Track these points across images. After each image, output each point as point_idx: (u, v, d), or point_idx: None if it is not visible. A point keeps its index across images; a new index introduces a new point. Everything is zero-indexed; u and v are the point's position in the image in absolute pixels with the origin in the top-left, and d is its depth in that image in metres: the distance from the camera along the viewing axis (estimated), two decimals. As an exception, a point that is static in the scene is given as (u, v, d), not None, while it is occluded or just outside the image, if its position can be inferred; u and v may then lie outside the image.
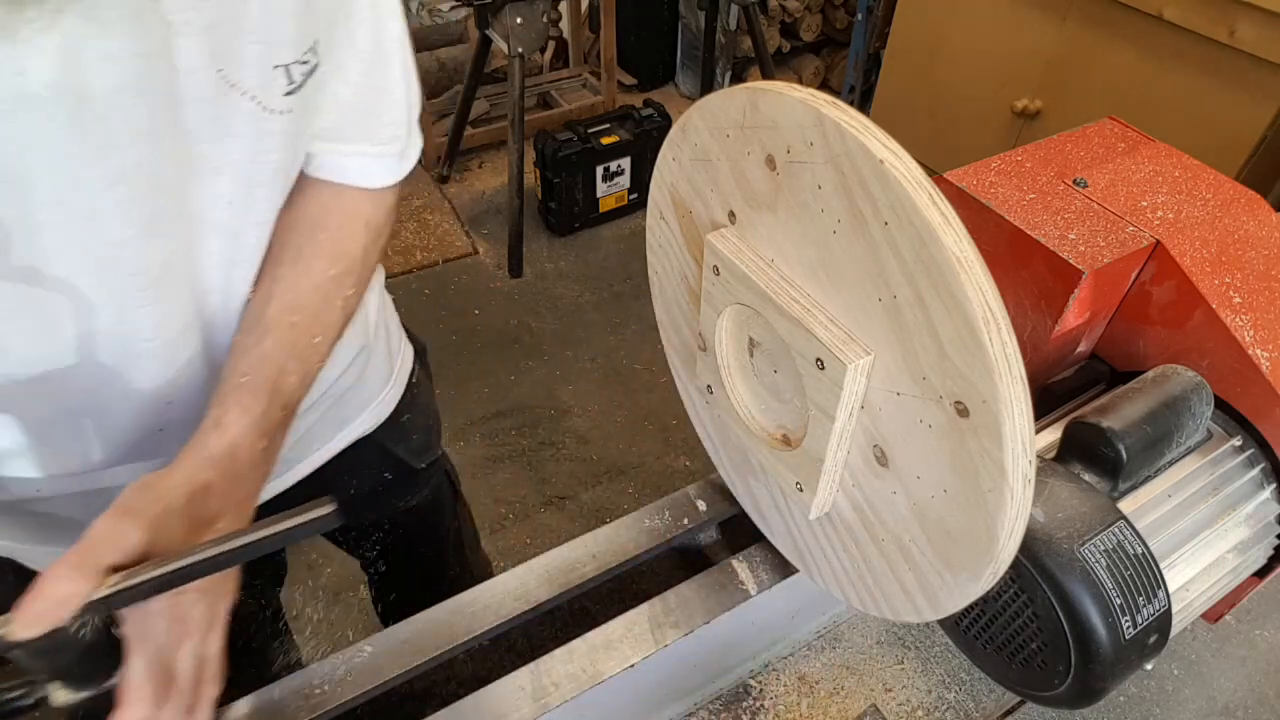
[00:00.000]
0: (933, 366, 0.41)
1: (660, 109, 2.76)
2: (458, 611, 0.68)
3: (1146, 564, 0.54)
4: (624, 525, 0.75)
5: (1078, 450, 0.62)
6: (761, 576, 0.70)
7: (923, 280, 0.39)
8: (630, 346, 2.43)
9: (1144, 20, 2.07)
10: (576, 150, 2.60)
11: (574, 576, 0.71)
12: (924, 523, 0.46)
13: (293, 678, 0.63)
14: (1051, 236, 0.66)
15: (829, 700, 0.76)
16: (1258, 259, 0.68)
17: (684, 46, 3.36)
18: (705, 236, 0.52)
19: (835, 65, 3.44)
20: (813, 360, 0.46)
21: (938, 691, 0.77)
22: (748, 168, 0.47)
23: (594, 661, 0.64)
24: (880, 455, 0.48)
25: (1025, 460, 0.39)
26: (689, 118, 0.51)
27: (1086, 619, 0.52)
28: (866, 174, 0.39)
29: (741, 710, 0.75)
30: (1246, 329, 0.64)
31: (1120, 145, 0.78)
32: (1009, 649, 0.59)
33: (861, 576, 0.56)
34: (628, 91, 3.43)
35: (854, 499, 0.52)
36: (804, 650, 0.80)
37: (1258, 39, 1.89)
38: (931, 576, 0.48)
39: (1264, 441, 0.66)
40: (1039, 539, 0.53)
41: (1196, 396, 0.63)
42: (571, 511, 2.02)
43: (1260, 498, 0.66)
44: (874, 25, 3.01)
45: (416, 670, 0.64)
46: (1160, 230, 0.68)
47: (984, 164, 0.74)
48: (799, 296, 0.47)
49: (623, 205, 2.83)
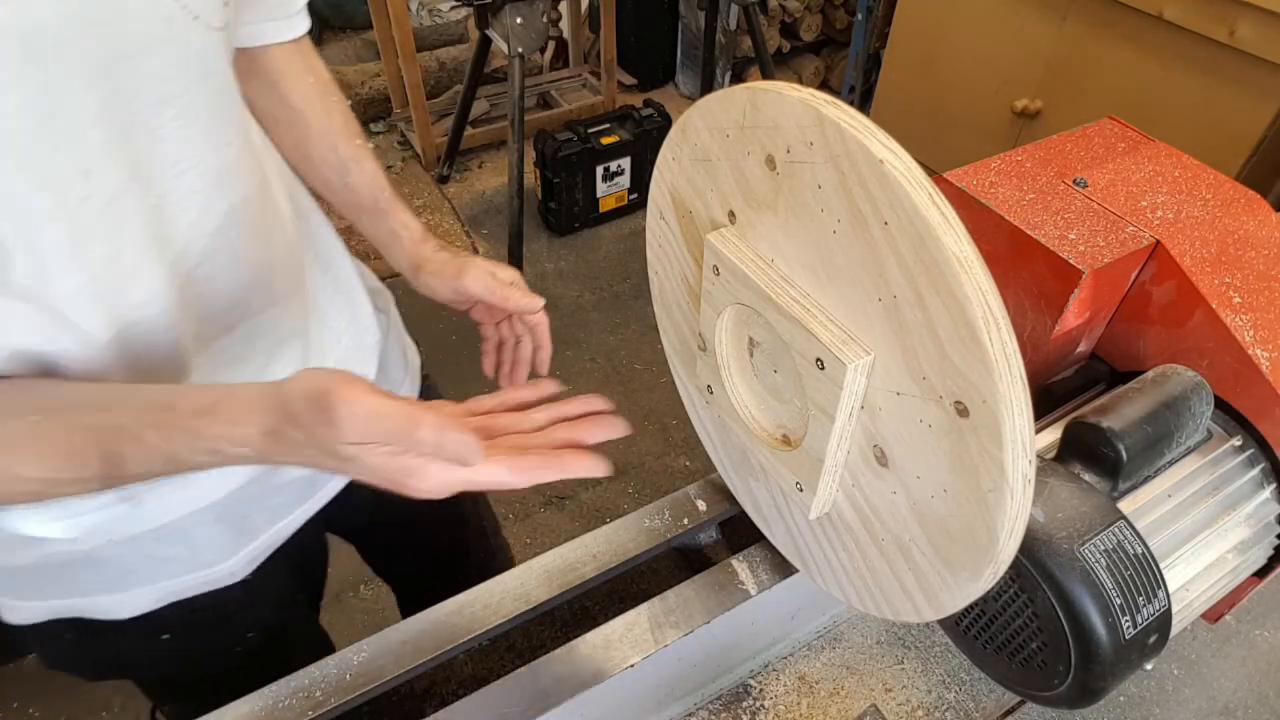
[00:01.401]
0: (933, 366, 0.41)
1: (660, 109, 2.76)
2: (458, 611, 0.68)
3: (1146, 564, 0.54)
4: (624, 525, 0.75)
5: (1078, 450, 0.62)
6: (761, 576, 0.70)
7: (923, 280, 0.39)
8: (630, 346, 2.43)
9: (1144, 20, 2.07)
10: (576, 150, 2.60)
11: (574, 576, 0.71)
12: (924, 523, 0.47)
13: (293, 678, 0.63)
14: (1051, 236, 0.66)
15: (829, 700, 0.76)
16: (1258, 259, 0.68)
17: (684, 46, 3.36)
18: (705, 236, 0.52)
19: (835, 65, 3.44)
20: (813, 360, 0.46)
21: (938, 691, 0.77)
22: (748, 168, 0.47)
23: (594, 661, 0.64)
24: (880, 455, 0.48)
25: (1025, 460, 0.39)
26: (689, 118, 0.51)
27: (1086, 619, 0.52)
28: (866, 174, 0.39)
29: (741, 710, 0.75)
30: (1246, 329, 0.64)
31: (1120, 145, 0.78)
32: (1009, 649, 0.59)
33: (861, 576, 0.56)
34: (628, 91, 3.43)
35: (854, 499, 0.52)
36: (804, 650, 0.80)
37: (1258, 39, 1.89)
38: (931, 576, 0.48)
39: (1264, 441, 0.66)
40: (1039, 539, 0.53)
41: (1196, 396, 0.63)
42: (571, 511, 2.02)
43: (1260, 498, 0.66)
44: (874, 25, 3.01)
45: (416, 670, 0.64)
46: (1160, 230, 0.68)
47: (984, 164, 0.74)
48: (799, 296, 0.47)
49: (623, 205, 2.84)
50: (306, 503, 0.78)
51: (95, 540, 0.63)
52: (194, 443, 0.46)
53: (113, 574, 0.67)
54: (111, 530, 0.63)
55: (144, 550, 0.67)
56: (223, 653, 0.81)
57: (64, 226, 0.47)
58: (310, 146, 0.76)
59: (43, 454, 0.47)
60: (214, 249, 0.59)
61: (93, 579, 0.67)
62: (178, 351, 0.59)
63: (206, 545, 0.70)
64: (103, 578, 0.67)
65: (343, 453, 0.45)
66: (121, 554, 0.66)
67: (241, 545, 0.74)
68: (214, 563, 0.72)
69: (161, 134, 0.51)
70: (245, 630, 0.81)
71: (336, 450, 0.45)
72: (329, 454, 0.45)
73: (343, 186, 0.78)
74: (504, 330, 0.84)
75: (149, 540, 0.66)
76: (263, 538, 0.75)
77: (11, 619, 0.69)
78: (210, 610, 0.75)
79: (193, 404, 0.47)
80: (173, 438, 0.47)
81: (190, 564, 0.71)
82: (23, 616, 0.69)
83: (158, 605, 0.71)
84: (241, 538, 0.73)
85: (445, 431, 0.43)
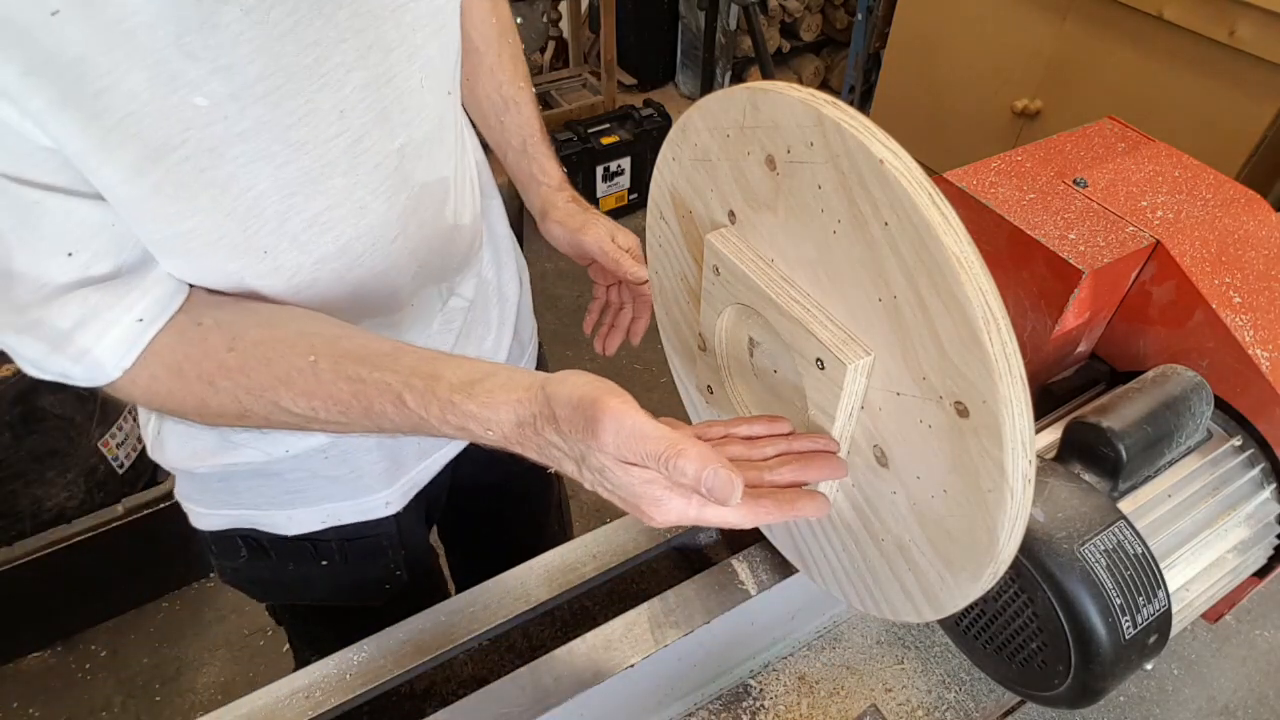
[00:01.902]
0: (933, 366, 0.41)
1: (660, 109, 2.76)
2: (458, 611, 0.68)
3: (1146, 564, 0.54)
4: (624, 525, 0.75)
5: (1078, 450, 0.62)
6: (761, 576, 0.70)
7: (923, 280, 0.39)
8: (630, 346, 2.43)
9: (1144, 20, 2.07)
10: (576, 150, 2.60)
11: (574, 576, 0.71)
12: (924, 523, 0.46)
13: (293, 678, 0.63)
14: (1051, 236, 0.66)
15: (829, 700, 0.76)
16: (1258, 259, 0.68)
17: (684, 46, 3.36)
18: (705, 236, 0.52)
19: (835, 65, 3.44)
20: (813, 360, 0.46)
21: (938, 691, 0.77)
22: (748, 168, 0.47)
23: (594, 661, 0.64)
24: (880, 455, 0.48)
25: (1025, 460, 0.39)
26: (689, 118, 0.51)
27: (1086, 619, 0.52)
28: (866, 174, 0.39)
29: (741, 710, 0.75)
30: (1246, 329, 0.64)
31: (1120, 145, 0.78)
32: (1009, 649, 0.59)
33: (861, 576, 0.56)
34: (628, 91, 3.42)
35: (854, 499, 0.52)
36: (804, 650, 0.80)
37: (1258, 39, 1.89)
38: (931, 576, 0.48)
39: (1264, 441, 0.66)
40: (1039, 539, 0.53)
41: (1196, 396, 0.63)
42: (571, 511, 2.02)
43: (1260, 498, 0.66)
44: (874, 25, 3.01)
45: (416, 670, 0.65)
46: (1160, 230, 0.68)
47: (984, 164, 0.74)
48: (799, 296, 0.47)
49: (623, 205, 2.84)
50: (449, 444, 0.84)
51: (274, 451, 0.70)
52: (446, 415, 0.49)
53: (284, 491, 0.75)
54: (290, 442, 0.70)
55: (313, 468, 0.73)
56: (375, 587, 0.87)
57: (313, 159, 0.52)
58: (478, 82, 0.82)
59: (313, 394, 0.51)
60: (429, 193, 0.64)
61: (267, 494, 0.75)
62: (394, 288, 0.65)
63: (367, 470, 0.76)
64: (276, 493, 0.75)
65: (594, 462, 0.45)
66: (294, 470, 0.73)
67: (396, 476, 0.80)
68: (372, 489, 0.78)
69: (409, 85, 0.56)
70: (395, 567, 0.86)
71: (589, 459, 0.45)
72: (578, 460, 0.46)
73: (498, 124, 0.84)
74: (612, 295, 0.89)
75: (319, 458, 0.73)
76: (413, 472, 0.81)
77: (199, 525, 0.78)
78: (366, 541, 0.82)
79: (457, 377, 0.49)
80: (429, 406, 0.49)
81: (352, 488, 0.77)
82: (208, 523, 0.78)
83: (322, 526, 0.78)
84: (396, 469, 0.79)
85: (710, 466, 0.42)
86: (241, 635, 1.76)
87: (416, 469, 0.82)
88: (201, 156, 0.47)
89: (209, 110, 0.46)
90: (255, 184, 0.51)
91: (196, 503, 0.77)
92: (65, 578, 1.63)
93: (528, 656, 0.67)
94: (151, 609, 1.79)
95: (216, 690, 1.68)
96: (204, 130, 0.46)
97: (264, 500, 0.76)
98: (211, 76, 0.45)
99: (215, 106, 0.46)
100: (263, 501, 0.76)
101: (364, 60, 0.52)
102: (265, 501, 0.76)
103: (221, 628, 1.76)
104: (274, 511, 0.77)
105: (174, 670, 1.71)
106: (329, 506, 0.78)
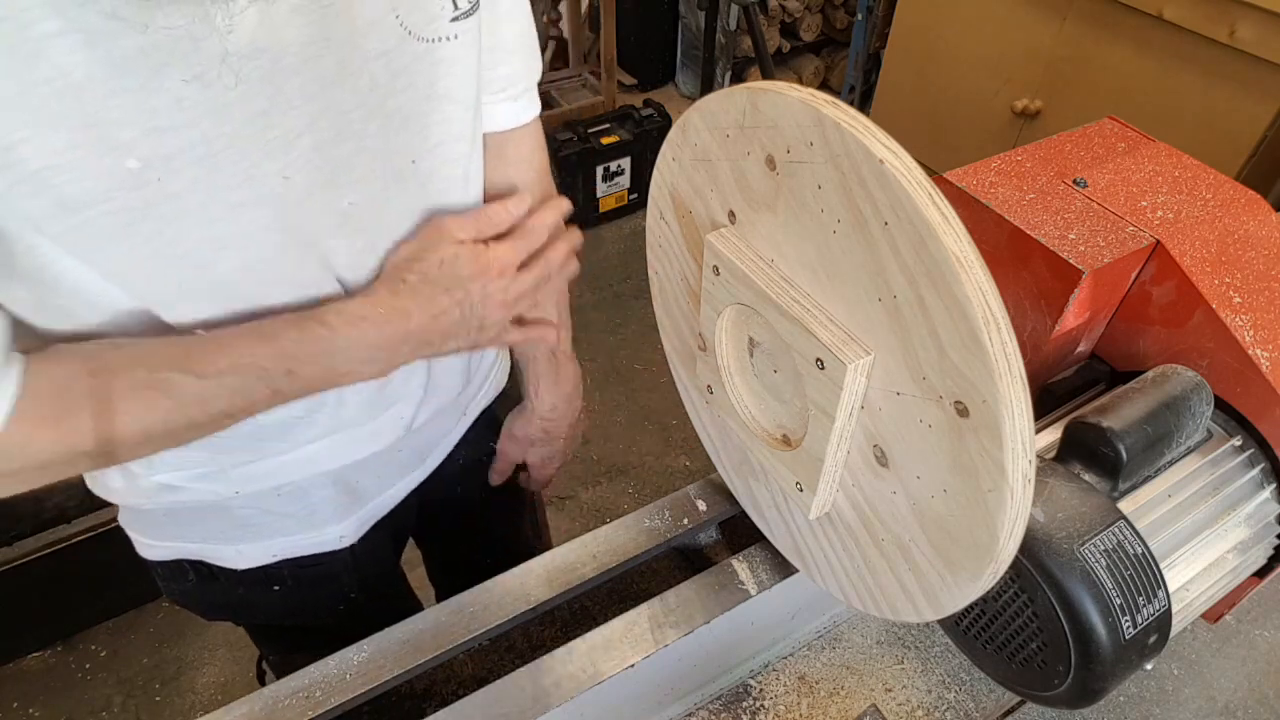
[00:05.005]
0: (933, 366, 0.41)
1: (660, 109, 2.76)
2: (458, 611, 0.68)
3: (1146, 564, 0.54)
4: (624, 525, 0.75)
5: (1078, 450, 0.62)
6: (761, 576, 0.70)
7: (923, 280, 0.39)
8: (630, 346, 2.43)
9: (1144, 20, 2.07)
10: (576, 150, 2.60)
11: (574, 576, 0.71)
12: (924, 523, 0.46)
13: (293, 678, 0.63)
14: (1051, 236, 0.66)
15: (829, 700, 0.76)
16: (1258, 259, 0.68)
17: (684, 46, 3.36)
18: (705, 236, 0.52)
19: (835, 65, 3.44)
20: (813, 360, 0.46)
21: (938, 691, 0.77)
22: (747, 168, 0.47)
23: (594, 661, 0.64)
24: (880, 455, 0.48)
25: (1025, 460, 0.39)
26: (689, 118, 0.51)
27: (1086, 619, 0.52)
28: (866, 174, 0.39)
29: (741, 710, 0.75)
30: (1246, 329, 0.64)
31: (1120, 145, 0.78)
32: (1009, 649, 0.59)
33: (861, 576, 0.56)
34: (628, 91, 3.42)
35: (854, 499, 0.52)
36: (804, 650, 0.80)
37: (1258, 39, 1.89)
38: (931, 576, 0.48)
39: (1264, 441, 0.66)
40: (1039, 539, 0.53)
41: (1196, 396, 0.63)
42: (571, 511, 2.02)
43: (1260, 498, 0.66)
44: (874, 25, 3.01)
45: (416, 670, 0.64)
46: (1160, 230, 0.68)
47: (984, 164, 0.74)
48: (799, 296, 0.47)
49: (623, 205, 2.83)
50: (412, 473, 0.83)
51: (224, 491, 0.68)
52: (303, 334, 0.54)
53: (234, 525, 0.73)
54: (240, 482, 0.68)
55: (265, 505, 0.72)
56: (327, 607, 0.86)
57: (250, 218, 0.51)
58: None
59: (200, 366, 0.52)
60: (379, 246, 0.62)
61: (216, 528, 0.73)
62: None
63: (321, 506, 0.75)
64: (225, 527, 0.73)
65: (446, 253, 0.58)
66: (244, 506, 0.71)
67: (352, 510, 0.78)
68: (327, 523, 0.77)
69: (363, 144, 0.54)
70: (349, 590, 0.86)
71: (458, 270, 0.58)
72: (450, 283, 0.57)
73: None
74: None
75: (271, 496, 0.71)
76: (371, 504, 0.80)
77: (144, 554, 0.76)
78: (319, 569, 0.80)
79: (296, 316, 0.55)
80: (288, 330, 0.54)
81: (305, 523, 0.75)
82: (153, 554, 0.76)
83: (272, 560, 0.77)
84: (354, 503, 0.78)
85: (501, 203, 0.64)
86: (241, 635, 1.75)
87: (375, 500, 0.80)
88: (126, 213, 0.46)
89: (140, 172, 0.44)
90: (183, 240, 0.49)
91: (140, 533, 0.74)
92: (65, 578, 1.63)
93: (528, 656, 0.67)
94: (151, 609, 1.79)
95: (216, 690, 1.69)
96: (133, 192, 0.45)
97: (212, 534, 0.73)
98: (143, 140, 0.44)
99: (147, 168, 0.44)
100: (210, 535, 0.73)
101: (313, 126, 0.50)
102: (214, 535, 0.73)
103: (221, 628, 1.76)
104: (222, 546, 0.74)
105: (174, 670, 1.71)
106: (280, 540, 0.76)
